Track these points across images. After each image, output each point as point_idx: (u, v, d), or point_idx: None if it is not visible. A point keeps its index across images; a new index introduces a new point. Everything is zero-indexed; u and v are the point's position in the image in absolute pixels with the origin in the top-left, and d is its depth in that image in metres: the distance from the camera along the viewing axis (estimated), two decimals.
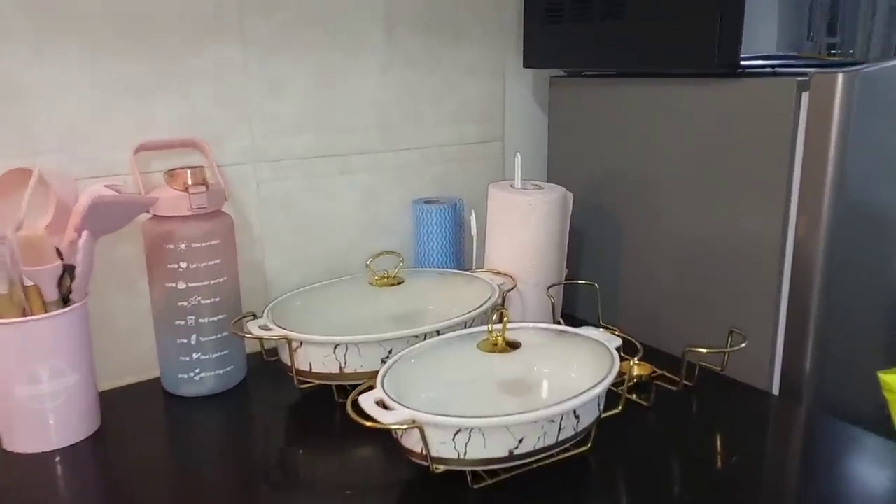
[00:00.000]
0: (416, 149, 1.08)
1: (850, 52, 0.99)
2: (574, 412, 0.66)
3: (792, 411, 0.86)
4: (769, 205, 0.88)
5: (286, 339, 0.78)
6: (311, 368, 0.79)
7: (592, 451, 0.72)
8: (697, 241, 0.96)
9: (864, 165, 0.86)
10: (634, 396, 0.83)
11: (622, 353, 0.74)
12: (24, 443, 0.74)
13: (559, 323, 0.99)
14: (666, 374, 0.87)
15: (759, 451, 0.75)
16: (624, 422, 0.77)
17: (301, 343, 0.78)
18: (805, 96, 0.83)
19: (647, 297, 1.04)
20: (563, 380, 0.75)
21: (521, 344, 0.76)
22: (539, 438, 0.64)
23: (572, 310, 1.10)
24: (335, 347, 0.78)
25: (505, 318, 0.75)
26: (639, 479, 0.69)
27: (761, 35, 0.93)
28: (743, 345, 0.79)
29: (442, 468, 0.64)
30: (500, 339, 0.75)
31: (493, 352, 0.75)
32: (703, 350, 0.80)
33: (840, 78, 0.81)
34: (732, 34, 0.86)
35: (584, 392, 0.65)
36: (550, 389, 0.75)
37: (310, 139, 0.98)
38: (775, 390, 0.91)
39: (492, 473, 0.67)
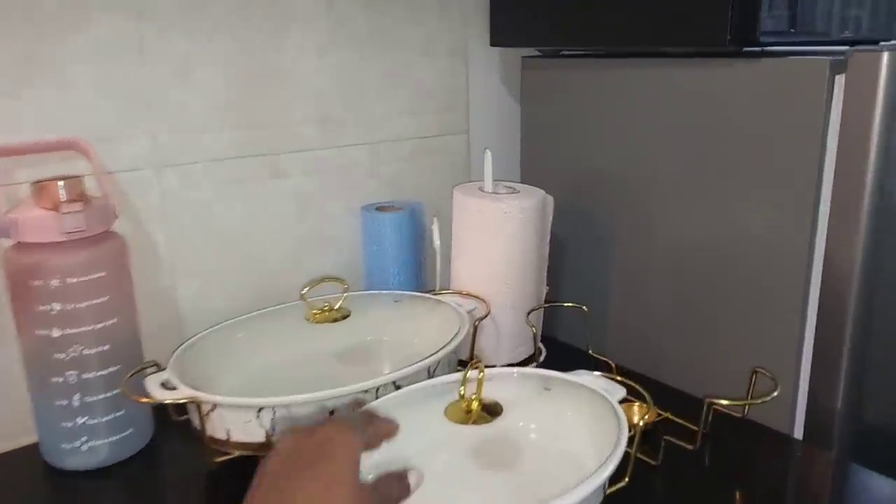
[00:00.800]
0: (363, 145, 0.91)
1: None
2: None
3: (820, 460, 0.72)
4: (793, 208, 0.73)
5: (194, 401, 0.60)
6: (229, 437, 0.61)
7: None
8: (701, 251, 0.81)
9: None
10: (646, 458, 0.67)
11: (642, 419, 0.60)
12: None
13: (539, 351, 0.84)
14: (672, 417, 0.72)
15: None
16: (628, 490, 0.61)
17: (214, 406, 0.60)
18: (840, 79, 0.69)
19: (640, 318, 0.89)
20: (552, 447, 0.59)
21: (501, 409, 0.59)
22: None
23: (552, 331, 0.94)
24: (259, 411, 0.60)
25: (481, 375, 0.58)
26: None
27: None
28: (774, 394, 0.64)
29: None
30: (474, 403, 0.58)
31: (467, 422, 0.58)
32: (725, 402, 0.64)
33: (885, 57, 0.67)
34: (750, 5, 0.70)
35: (589, 478, 0.49)
36: (537, 462, 0.59)
37: (228, 136, 0.80)
38: (798, 433, 0.77)
39: None
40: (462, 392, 0.59)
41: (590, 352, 0.84)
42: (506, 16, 0.93)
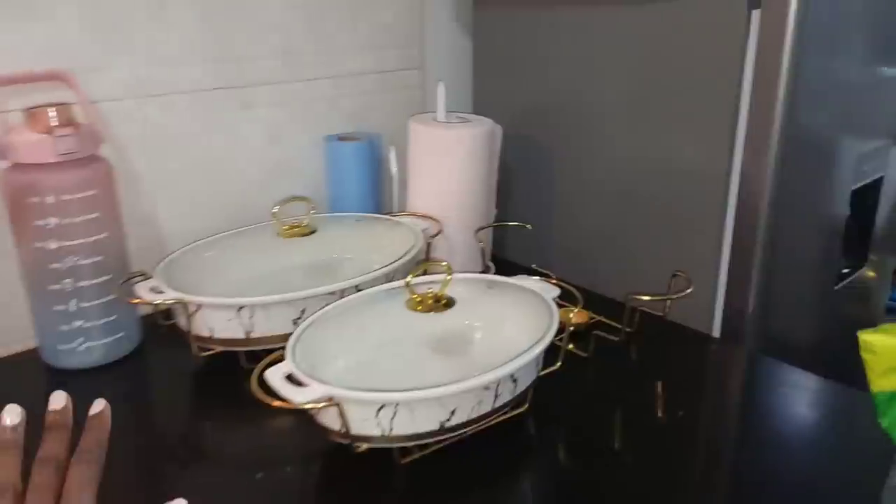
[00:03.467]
0: (325, 78, 0.97)
1: None
2: (511, 376, 0.59)
3: (734, 354, 0.83)
4: (715, 134, 0.82)
5: (181, 302, 0.68)
6: (212, 334, 0.70)
7: (530, 411, 0.66)
8: (636, 174, 0.90)
9: (810, 94, 0.80)
10: (572, 347, 0.76)
11: (559, 301, 0.68)
12: None
13: (489, 268, 0.92)
14: (604, 320, 0.81)
15: (700, 398, 0.72)
16: (562, 376, 0.71)
17: (199, 306, 0.68)
18: (756, 15, 0.76)
19: (581, 236, 0.98)
20: (497, 337, 0.68)
21: (454, 301, 0.68)
22: (473, 408, 0.57)
23: (502, 251, 1.03)
24: (239, 309, 0.68)
25: (446, 269, 0.67)
26: (579, 436, 0.65)
27: None
28: (688, 290, 0.74)
29: (365, 446, 0.57)
30: (429, 295, 0.67)
31: (421, 310, 0.67)
32: (646, 297, 0.74)
33: None
34: None
35: (523, 353, 0.58)
36: (484, 349, 0.68)
37: (201, 69, 0.85)
38: (716, 332, 0.87)
39: (421, 445, 0.60)
40: (408, 282, 0.68)
41: (534, 266, 0.93)
42: None
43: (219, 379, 0.74)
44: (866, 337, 0.42)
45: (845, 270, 1.01)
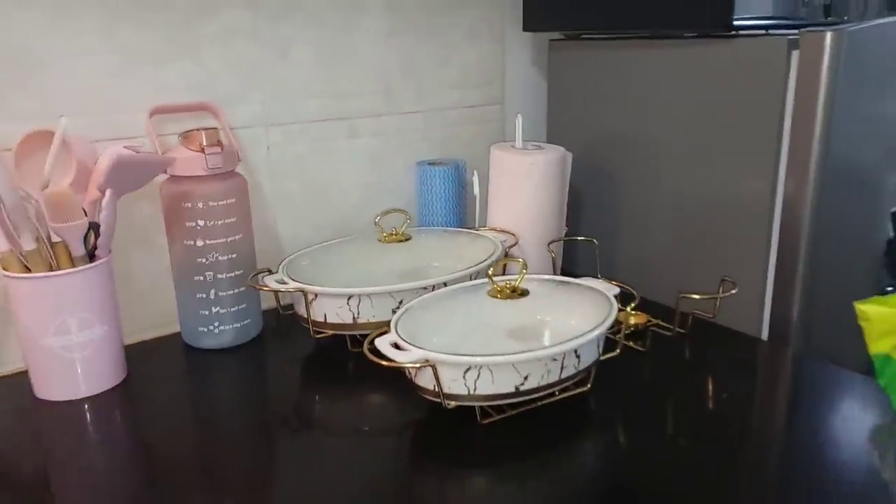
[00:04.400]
0: (419, 112, 1.11)
1: (845, 17, 1.02)
2: (575, 352, 0.70)
3: (779, 354, 0.91)
4: (760, 163, 0.91)
5: (302, 291, 0.82)
6: (325, 319, 0.83)
7: (592, 392, 0.77)
8: (691, 197, 1.00)
9: (850, 126, 0.89)
10: (632, 343, 0.87)
11: (621, 305, 0.79)
12: (55, 391, 0.78)
13: None
14: (661, 322, 0.92)
15: (747, 392, 0.80)
16: (622, 366, 0.82)
17: (316, 295, 0.82)
18: (795, 55, 0.87)
19: (643, 251, 1.08)
20: (565, 326, 0.79)
21: (528, 292, 0.80)
22: (543, 376, 0.69)
23: (572, 266, 1.14)
24: (349, 299, 0.82)
25: (521, 265, 0.79)
26: (635, 418, 0.74)
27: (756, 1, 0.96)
28: (734, 291, 0.84)
29: (453, 404, 0.69)
30: (507, 286, 0.79)
31: (500, 297, 0.79)
32: (696, 296, 0.84)
33: (829, 36, 0.84)
34: None
35: (585, 334, 0.70)
36: (553, 334, 0.79)
37: (317, 103, 1.01)
38: (765, 336, 0.96)
39: (499, 410, 0.72)
40: (491, 276, 0.80)
41: (598, 276, 1.04)
42: (536, 5, 1.12)
43: (327, 361, 0.87)
44: (861, 306, 0.52)
45: (889, 287, 1.08)
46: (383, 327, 0.73)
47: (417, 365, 0.66)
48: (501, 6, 1.16)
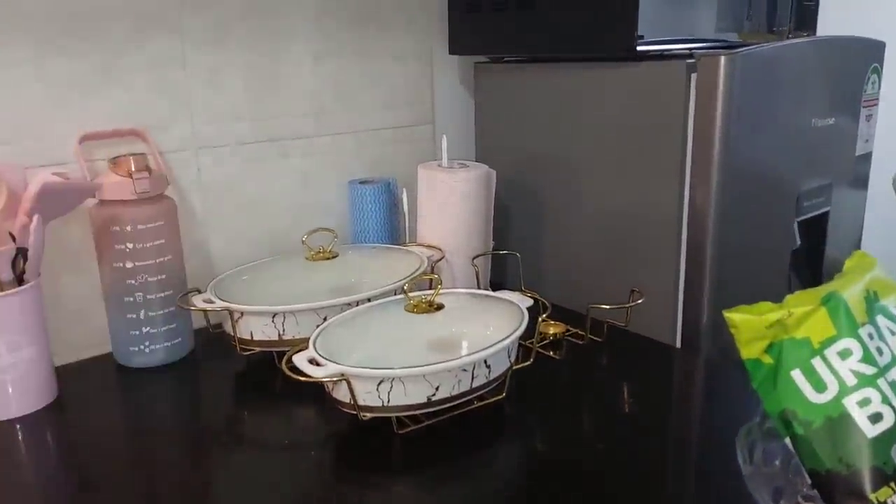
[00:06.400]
0: (350, 133, 1.15)
1: (783, 28, 1.08)
2: (485, 362, 0.74)
3: (691, 361, 0.96)
4: (667, 178, 0.96)
5: (228, 310, 0.85)
6: (252, 337, 0.86)
7: (508, 399, 0.81)
8: (608, 212, 1.05)
9: (752, 141, 0.96)
10: (552, 353, 0.92)
11: (544, 316, 0.83)
12: None
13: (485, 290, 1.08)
14: (578, 331, 0.97)
15: (661, 397, 0.85)
16: (538, 374, 0.86)
17: (242, 314, 0.85)
18: (693, 77, 0.92)
19: (566, 264, 1.13)
20: (481, 337, 0.83)
21: (443, 306, 0.84)
22: (454, 386, 0.73)
23: (501, 279, 1.19)
24: (273, 316, 0.85)
25: (437, 280, 0.84)
26: (551, 423, 0.78)
27: (703, 17, 1.02)
28: (640, 301, 0.89)
29: (369, 416, 0.72)
30: (422, 301, 0.83)
31: (417, 312, 0.83)
32: (606, 307, 0.89)
33: (722, 59, 0.90)
34: (628, 20, 0.94)
35: (493, 344, 0.74)
36: (471, 345, 0.83)
37: (248, 126, 1.04)
38: (678, 344, 1.01)
39: (415, 420, 0.76)
40: (408, 292, 0.84)
41: (522, 288, 1.09)
42: (460, 31, 1.17)
43: (256, 377, 0.90)
44: (729, 315, 0.57)
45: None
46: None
47: (334, 379, 0.70)
48: (429, 30, 1.20)
